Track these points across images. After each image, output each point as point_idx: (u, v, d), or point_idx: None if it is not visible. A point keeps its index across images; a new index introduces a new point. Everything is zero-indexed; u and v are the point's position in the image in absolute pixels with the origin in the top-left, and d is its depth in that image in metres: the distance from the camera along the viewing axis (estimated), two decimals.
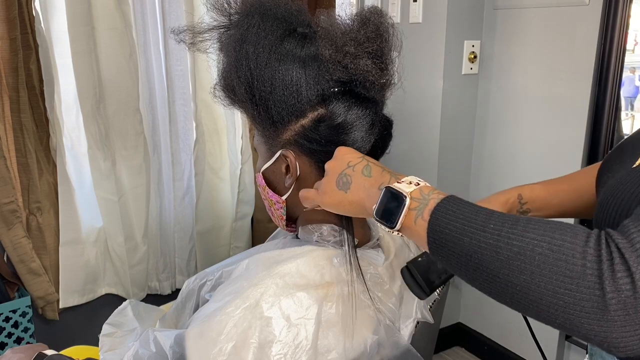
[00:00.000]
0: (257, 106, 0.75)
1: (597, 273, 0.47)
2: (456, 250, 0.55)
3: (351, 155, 0.70)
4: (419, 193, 0.61)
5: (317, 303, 0.71)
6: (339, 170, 0.69)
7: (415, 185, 0.62)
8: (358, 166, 0.68)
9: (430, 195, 0.60)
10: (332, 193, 0.69)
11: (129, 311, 0.99)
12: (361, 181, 0.67)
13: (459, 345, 2.35)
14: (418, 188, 0.62)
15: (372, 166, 0.68)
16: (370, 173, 0.67)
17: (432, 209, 0.58)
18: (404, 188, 0.62)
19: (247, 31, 0.74)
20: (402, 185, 0.62)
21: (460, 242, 0.55)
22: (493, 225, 0.53)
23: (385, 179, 0.65)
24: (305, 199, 0.73)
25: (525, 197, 0.92)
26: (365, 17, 0.75)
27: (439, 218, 0.57)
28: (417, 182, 0.63)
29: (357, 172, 0.68)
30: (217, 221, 2.08)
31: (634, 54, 2.19)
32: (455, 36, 1.96)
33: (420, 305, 0.84)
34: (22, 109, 1.60)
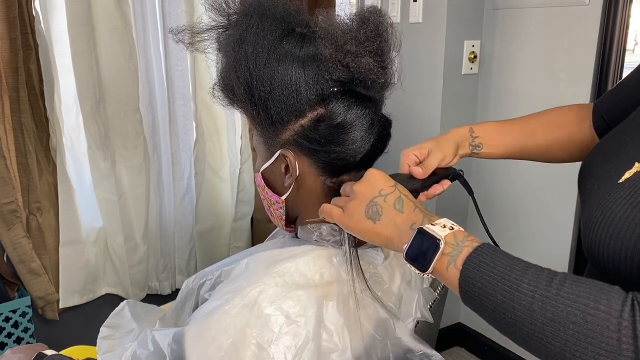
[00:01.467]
0: (256, 106, 0.75)
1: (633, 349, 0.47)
2: (489, 306, 0.55)
3: (383, 183, 0.68)
4: (453, 238, 0.60)
5: (316, 302, 0.71)
6: (369, 197, 0.67)
7: (449, 229, 0.61)
8: (390, 197, 0.67)
9: (464, 242, 0.60)
10: (360, 220, 0.67)
11: (127, 312, 0.99)
12: (392, 215, 0.66)
13: (459, 345, 2.35)
14: (452, 233, 0.61)
15: (405, 200, 0.66)
16: (403, 208, 0.66)
17: (466, 258, 0.58)
18: (438, 231, 0.61)
19: (245, 31, 0.74)
20: (436, 228, 0.61)
21: (494, 298, 0.55)
22: (527, 285, 0.53)
23: (417, 218, 0.64)
24: (327, 215, 0.71)
25: (476, 132, 0.95)
26: (365, 16, 0.75)
27: (472, 269, 0.57)
28: (451, 226, 0.62)
29: (388, 203, 0.66)
30: (217, 221, 2.08)
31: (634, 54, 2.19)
32: (455, 36, 1.96)
33: (420, 304, 0.84)
34: (22, 109, 1.60)
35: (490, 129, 0.96)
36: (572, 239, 1.85)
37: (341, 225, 0.70)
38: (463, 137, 0.94)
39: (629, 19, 1.65)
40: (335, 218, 0.70)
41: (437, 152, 0.89)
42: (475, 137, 0.95)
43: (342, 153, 0.75)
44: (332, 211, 0.71)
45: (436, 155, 0.88)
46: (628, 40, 1.68)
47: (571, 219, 1.84)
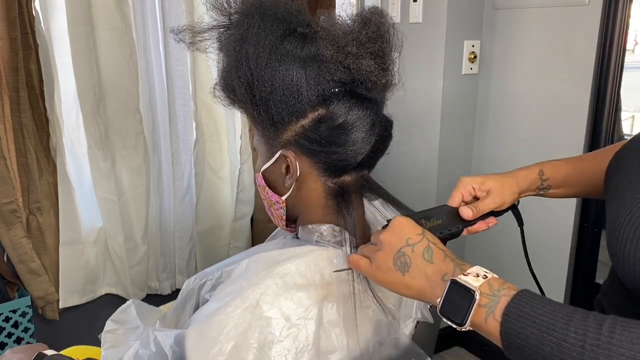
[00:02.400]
0: (257, 106, 0.75)
1: None
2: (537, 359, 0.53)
3: (410, 231, 0.66)
4: (488, 288, 0.58)
5: (317, 303, 0.71)
6: (396, 247, 0.65)
7: (482, 278, 0.59)
8: (418, 246, 0.64)
9: (500, 291, 0.57)
10: (387, 272, 0.65)
11: (133, 310, 0.99)
12: (422, 266, 0.63)
13: (459, 345, 2.35)
14: (486, 282, 0.58)
15: (434, 249, 0.64)
16: (432, 258, 0.63)
17: (504, 308, 0.55)
18: (472, 282, 0.58)
19: (247, 31, 0.74)
20: (469, 278, 0.59)
21: (540, 351, 0.52)
22: (574, 334, 0.51)
23: (449, 268, 0.62)
24: (355, 266, 0.69)
25: (547, 174, 0.90)
26: (367, 17, 0.74)
27: (513, 320, 0.55)
28: (485, 275, 0.59)
29: (417, 253, 0.64)
30: (217, 221, 2.08)
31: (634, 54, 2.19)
32: (455, 36, 1.96)
33: (420, 305, 0.84)
34: (22, 109, 1.60)
35: (562, 169, 0.90)
36: (572, 239, 1.85)
37: (369, 278, 0.68)
38: (531, 182, 0.89)
39: (629, 19, 1.65)
40: (362, 270, 0.68)
41: (497, 196, 0.83)
42: (545, 180, 0.90)
43: (343, 154, 0.75)
44: (359, 262, 0.68)
45: (494, 201, 0.83)
46: (628, 40, 1.68)
47: (571, 219, 1.84)
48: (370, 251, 0.68)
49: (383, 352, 0.77)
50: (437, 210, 0.79)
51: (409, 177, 2.18)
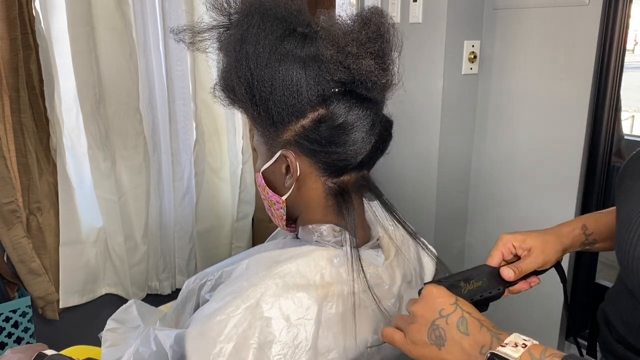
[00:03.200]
0: (257, 106, 0.75)
1: None
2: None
3: (443, 301, 0.63)
4: (529, 357, 0.56)
5: (317, 303, 0.71)
6: (430, 319, 0.63)
7: (522, 347, 0.56)
8: (452, 318, 0.62)
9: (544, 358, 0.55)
10: (424, 346, 0.63)
11: (134, 309, 1.00)
12: (457, 338, 0.61)
13: None
14: (527, 351, 0.56)
15: (469, 319, 0.61)
16: (467, 329, 0.60)
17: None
18: (512, 353, 0.56)
19: (247, 31, 0.74)
20: (507, 349, 0.57)
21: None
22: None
23: (486, 339, 0.59)
24: (390, 341, 0.67)
25: (590, 228, 0.87)
26: (366, 17, 0.74)
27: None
28: (524, 343, 0.57)
29: (451, 325, 0.61)
30: (217, 221, 2.08)
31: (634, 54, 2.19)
32: (455, 36, 1.96)
33: None
34: (22, 109, 1.60)
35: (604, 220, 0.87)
36: None
37: (408, 354, 0.65)
38: (575, 239, 0.86)
39: (629, 19, 1.65)
40: (397, 344, 0.66)
41: (539, 255, 0.80)
42: (589, 235, 0.87)
43: (343, 154, 0.75)
44: (394, 337, 0.66)
45: (536, 260, 0.80)
46: (628, 40, 1.68)
47: (571, 218, 1.84)
48: (404, 323, 0.66)
49: (382, 352, 0.77)
50: (476, 270, 0.77)
51: (408, 177, 2.18)
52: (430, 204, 2.11)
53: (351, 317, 0.73)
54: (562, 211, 1.85)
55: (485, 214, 2.14)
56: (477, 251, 2.16)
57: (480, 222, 2.16)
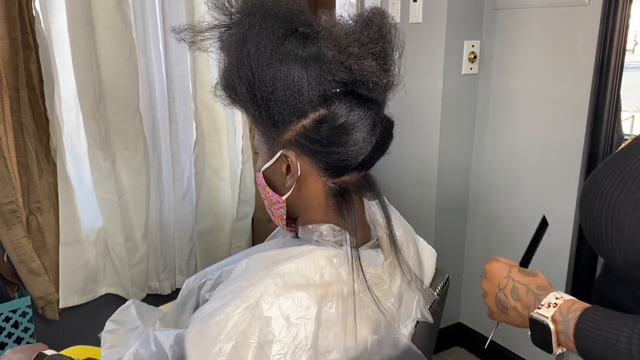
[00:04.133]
0: (259, 106, 0.75)
1: None
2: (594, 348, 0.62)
3: (499, 276, 0.76)
4: (559, 314, 0.66)
5: (316, 303, 0.71)
6: (493, 293, 0.77)
7: (553, 306, 0.66)
8: (507, 289, 0.74)
9: (569, 315, 0.65)
10: (499, 314, 0.78)
11: (133, 310, 0.99)
12: (513, 305, 0.73)
13: (459, 345, 2.35)
14: (557, 309, 0.66)
15: (519, 287, 0.73)
16: (518, 296, 0.73)
17: (574, 331, 0.63)
18: (545, 314, 0.67)
19: (248, 31, 0.74)
20: (542, 311, 0.67)
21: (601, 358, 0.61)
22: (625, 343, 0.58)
23: (530, 301, 0.70)
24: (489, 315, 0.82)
25: None
26: (368, 18, 0.74)
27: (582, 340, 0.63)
28: (555, 303, 0.67)
29: (507, 295, 0.74)
30: (217, 221, 2.08)
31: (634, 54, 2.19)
32: (455, 36, 1.96)
33: (420, 305, 0.84)
34: (22, 109, 1.60)
35: None
36: (572, 239, 1.85)
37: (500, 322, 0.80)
38: None
39: (629, 19, 1.65)
40: (494, 317, 0.81)
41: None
42: None
43: (344, 154, 0.75)
44: (489, 311, 0.81)
45: None
46: (628, 40, 1.68)
47: (572, 219, 1.84)
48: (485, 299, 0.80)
49: (382, 351, 0.77)
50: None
51: (409, 177, 2.18)
52: (431, 203, 2.11)
53: (351, 316, 0.73)
54: (562, 211, 1.85)
55: (485, 214, 2.14)
56: (477, 251, 2.16)
57: (480, 222, 2.16)
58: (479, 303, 2.23)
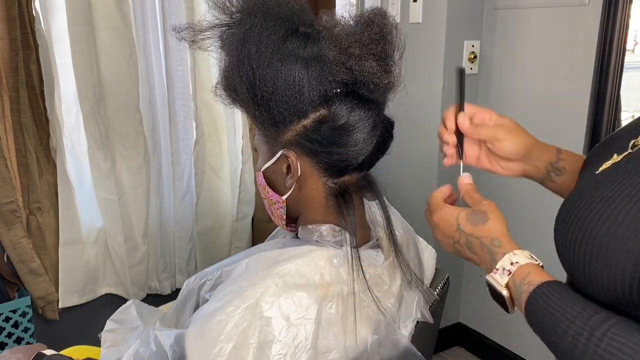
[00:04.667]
0: (259, 106, 0.75)
1: None
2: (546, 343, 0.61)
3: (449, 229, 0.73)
4: (513, 283, 0.64)
5: (316, 303, 0.71)
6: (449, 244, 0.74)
7: (507, 273, 0.65)
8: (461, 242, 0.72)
9: (522, 286, 0.63)
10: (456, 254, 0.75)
11: (133, 310, 0.99)
12: (471, 257, 0.72)
13: (459, 345, 2.35)
14: (511, 278, 0.64)
15: (472, 241, 0.71)
16: (473, 250, 0.71)
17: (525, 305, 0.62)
18: (500, 280, 0.66)
19: (249, 30, 0.74)
20: (497, 276, 0.66)
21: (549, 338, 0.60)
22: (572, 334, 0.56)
23: (486, 258, 0.69)
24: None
25: (564, 155, 0.88)
26: (369, 18, 0.74)
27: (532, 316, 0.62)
28: (509, 270, 0.65)
29: (463, 247, 0.72)
30: (217, 221, 2.08)
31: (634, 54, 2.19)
32: (455, 36, 1.96)
33: (420, 305, 0.84)
34: (22, 109, 1.60)
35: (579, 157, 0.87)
36: None
37: None
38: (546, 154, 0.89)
39: (629, 19, 1.65)
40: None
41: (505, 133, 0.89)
42: (561, 159, 0.88)
43: (344, 154, 0.75)
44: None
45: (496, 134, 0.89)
46: (628, 40, 1.68)
47: None
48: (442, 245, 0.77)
49: (382, 352, 0.77)
50: None
51: (409, 178, 2.18)
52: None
53: (351, 316, 0.73)
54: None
55: None
56: None
57: None
58: (479, 303, 2.24)
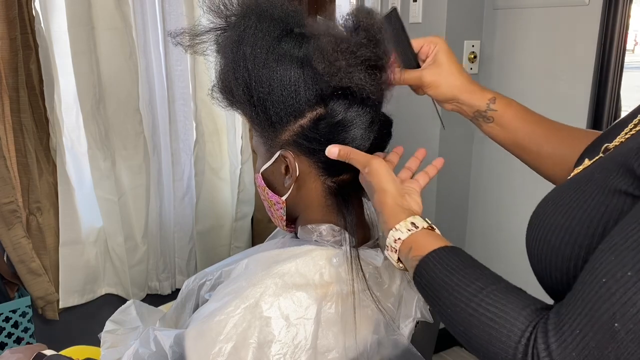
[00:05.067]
0: (256, 107, 0.75)
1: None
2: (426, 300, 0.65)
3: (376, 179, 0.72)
4: (404, 259, 0.67)
5: (316, 303, 0.71)
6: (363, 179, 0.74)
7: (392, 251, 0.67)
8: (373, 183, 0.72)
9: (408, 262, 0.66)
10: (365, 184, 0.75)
11: (133, 310, 0.99)
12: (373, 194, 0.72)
13: (459, 345, 2.35)
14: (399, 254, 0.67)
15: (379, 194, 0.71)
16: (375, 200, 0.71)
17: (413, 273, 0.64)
18: (392, 257, 0.69)
19: (244, 32, 0.74)
20: (389, 253, 0.69)
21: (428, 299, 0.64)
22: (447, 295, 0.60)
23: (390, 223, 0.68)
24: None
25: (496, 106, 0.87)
26: (355, 22, 0.73)
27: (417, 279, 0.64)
28: (395, 247, 0.67)
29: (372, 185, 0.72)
30: (217, 221, 2.08)
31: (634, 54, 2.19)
32: (455, 36, 1.96)
33: (420, 305, 0.84)
34: (22, 109, 1.60)
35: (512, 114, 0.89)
36: None
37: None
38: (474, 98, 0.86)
39: (629, 19, 1.65)
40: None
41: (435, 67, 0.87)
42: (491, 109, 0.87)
43: None
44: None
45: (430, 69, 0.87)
46: (628, 40, 1.68)
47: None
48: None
49: (382, 351, 0.77)
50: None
51: None
52: (430, 204, 2.11)
53: (350, 316, 0.73)
54: None
55: (485, 214, 2.14)
56: (477, 251, 2.16)
57: (481, 222, 2.16)
58: None
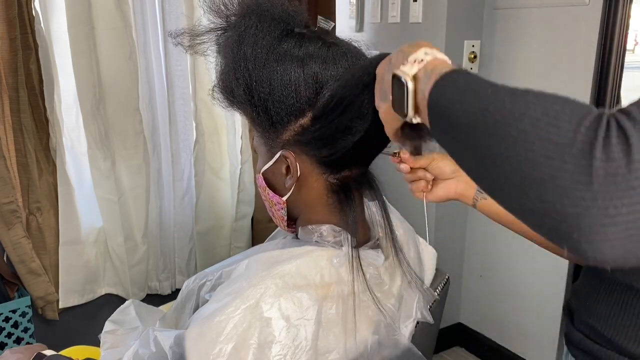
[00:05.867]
0: (256, 107, 0.75)
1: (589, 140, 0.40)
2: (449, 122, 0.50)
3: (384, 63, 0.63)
4: (424, 72, 0.54)
5: (316, 303, 0.71)
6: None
7: (418, 63, 0.54)
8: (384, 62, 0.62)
9: (430, 74, 0.52)
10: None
11: (132, 310, 0.99)
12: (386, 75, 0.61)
13: (459, 345, 2.35)
14: (423, 67, 0.54)
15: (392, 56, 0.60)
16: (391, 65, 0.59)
17: (432, 86, 0.51)
18: (407, 71, 0.55)
19: (244, 32, 0.74)
20: (406, 67, 0.55)
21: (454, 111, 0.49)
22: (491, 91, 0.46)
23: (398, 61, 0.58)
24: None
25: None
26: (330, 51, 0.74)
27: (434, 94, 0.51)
28: (422, 59, 0.55)
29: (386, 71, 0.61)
30: (217, 221, 2.08)
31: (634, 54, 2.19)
32: (455, 36, 1.96)
33: (420, 305, 0.84)
34: (22, 109, 1.60)
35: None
36: None
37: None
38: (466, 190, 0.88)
39: (629, 19, 1.65)
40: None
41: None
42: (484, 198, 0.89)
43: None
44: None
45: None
46: (628, 40, 1.69)
47: None
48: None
49: (382, 352, 0.77)
50: None
51: None
52: (430, 214, 2.11)
53: (351, 317, 0.73)
54: None
55: (485, 225, 2.13)
56: (477, 251, 2.16)
57: (480, 223, 2.16)
58: (479, 303, 2.24)
